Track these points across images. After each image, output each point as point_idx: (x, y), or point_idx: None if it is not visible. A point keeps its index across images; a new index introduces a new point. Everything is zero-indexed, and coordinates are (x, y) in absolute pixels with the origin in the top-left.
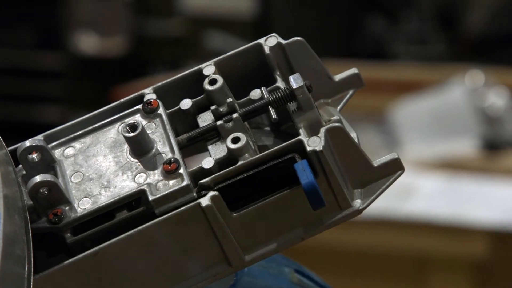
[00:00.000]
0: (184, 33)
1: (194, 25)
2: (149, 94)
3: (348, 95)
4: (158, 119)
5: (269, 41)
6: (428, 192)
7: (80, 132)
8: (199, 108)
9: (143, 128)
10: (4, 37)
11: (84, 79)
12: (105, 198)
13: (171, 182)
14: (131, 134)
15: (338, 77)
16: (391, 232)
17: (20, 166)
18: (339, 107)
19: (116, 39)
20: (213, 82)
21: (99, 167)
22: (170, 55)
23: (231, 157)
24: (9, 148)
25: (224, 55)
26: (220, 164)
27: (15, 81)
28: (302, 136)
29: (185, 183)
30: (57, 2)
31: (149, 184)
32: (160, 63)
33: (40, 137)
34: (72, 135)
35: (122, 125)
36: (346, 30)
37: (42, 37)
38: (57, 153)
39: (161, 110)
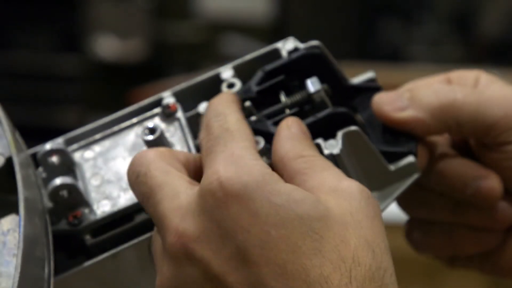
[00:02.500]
0: (201, 37)
1: (212, 29)
2: (168, 98)
3: None
4: (176, 123)
5: (287, 45)
6: None
7: (99, 135)
8: None
9: (161, 132)
10: (24, 41)
11: (103, 83)
12: (124, 200)
13: None
14: (150, 138)
15: (354, 80)
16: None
17: (40, 169)
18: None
19: (135, 43)
20: (231, 85)
21: (118, 170)
22: (188, 59)
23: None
24: (29, 151)
25: (242, 59)
26: None
27: (34, 85)
28: (320, 139)
29: None
30: (77, 6)
31: None
32: (178, 67)
33: (60, 140)
34: (92, 138)
35: (141, 128)
36: (362, 33)
37: (62, 41)
38: (76, 156)
39: (179, 114)
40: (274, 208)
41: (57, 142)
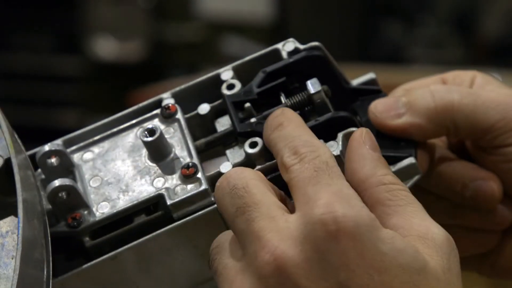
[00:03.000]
0: (201, 38)
1: (212, 30)
2: (167, 99)
3: None
4: (176, 124)
5: (287, 46)
6: None
7: (98, 137)
8: (217, 113)
9: (161, 133)
10: (23, 42)
11: (102, 84)
12: (123, 202)
13: (189, 186)
14: (150, 139)
15: (355, 82)
16: None
17: (39, 170)
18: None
19: (134, 44)
20: (231, 87)
21: (117, 172)
22: (188, 59)
23: (249, 161)
24: (28, 153)
25: (242, 60)
26: None
27: (33, 86)
28: (320, 140)
29: (203, 187)
30: (76, 7)
31: (167, 189)
32: (178, 67)
33: (59, 141)
34: (91, 140)
35: (140, 129)
36: (363, 34)
37: (61, 42)
38: (76, 157)
39: (179, 115)
40: (379, 254)
41: (56, 144)
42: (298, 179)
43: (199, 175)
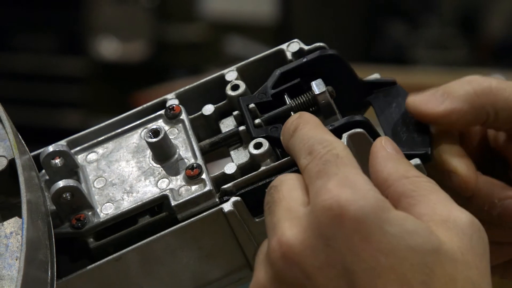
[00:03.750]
0: (205, 38)
1: (215, 30)
2: (172, 100)
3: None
4: (180, 125)
5: (291, 47)
6: None
7: (103, 138)
8: (221, 114)
9: (165, 134)
10: (26, 42)
11: (106, 84)
12: (127, 203)
13: (194, 187)
14: (154, 140)
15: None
16: None
17: (43, 171)
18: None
19: (137, 44)
20: (235, 87)
21: (121, 172)
22: (191, 60)
23: (253, 162)
24: (32, 154)
25: (247, 61)
26: (242, 169)
27: (36, 86)
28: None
29: (207, 188)
30: (79, 8)
31: (171, 190)
32: (181, 68)
33: (63, 142)
34: (95, 141)
35: (144, 130)
36: (367, 35)
37: (64, 42)
38: (80, 158)
39: (183, 116)
40: (386, 237)
41: (60, 144)
42: (310, 175)
43: (204, 176)
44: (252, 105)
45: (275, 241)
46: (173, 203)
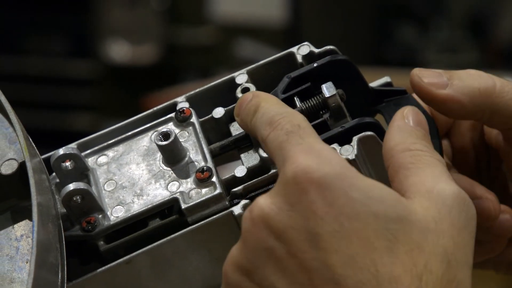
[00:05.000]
0: (215, 41)
1: (225, 33)
2: (182, 103)
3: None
4: (191, 128)
5: (302, 50)
6: None
7: (113, 141)
8: (231, 117)
9: (176, 137)
10: (37, 46)
11: (116, 87)
12: (138, 206)
13: (204, 190)
14: (164, 143)
15: (370, 85)
16: None
17: (54, 174)
18: None
19: (147, 47)
20: (245, 90)
21: (132, 175)
22: (201, 63)
23: (264, 165)
24: (43, 156)
25: (257, 64)
26: (253, 172)
27: (47, 89)
28: (335, 144)
29: (217, 191)
30: (89, 11)
31: (181, 192)
32: (191, 71)
33: (73, 145)
34: (105, 144)
35: (155, 133)
36: (377, 38)
37: (74, 45)
38: (90, 161)
39: (194, 119)
40: (350, 201)
41: (71, 147)
42: (272, 146)
43: (214, 179)
44: None
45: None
46: (183, 206)
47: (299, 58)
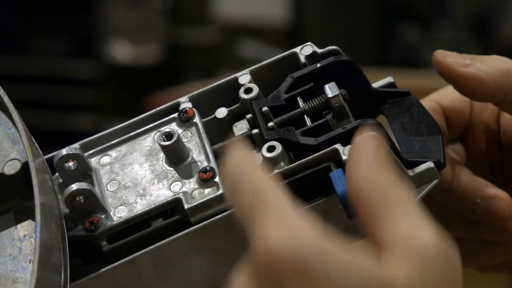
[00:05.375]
0: (217, 41)
1: (228, 33)
2: (185, 103)
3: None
4: (193, 128)
5: (305, 50)
6: None
7: (116, 141)
8: (234, 117)
9: (179, 137)
10: (39, 45)
11: (119, 88)
12: (141, 206)
13: (207, 190)
14: (167, 143)
15: (373, 86)
16: None
17: (57, 174)
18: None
19: (150, 47)
20: (248, 90)
21: (135, 176)
22: (204, 63)
23: (267, 165)
24: (46, 157)
25: (260, 64)
26: None
27: (49, 89)
28: (338, 144)
29: (220, 191)
30: (91, 11)
31: (184, 193)
32: (194, 71)
33: (76, 145)
34: (108, 144)
35: (158, 133)
36: (379, 38)
37: (76, 46)
38: (93, 161)
39: (196, 119)
40: (329, 284)
41: (74, 147)
42: (239, 211)
43: (217, 179)
44: (265, 108)
45: None
46: (186, 206)
47: (302, 58)
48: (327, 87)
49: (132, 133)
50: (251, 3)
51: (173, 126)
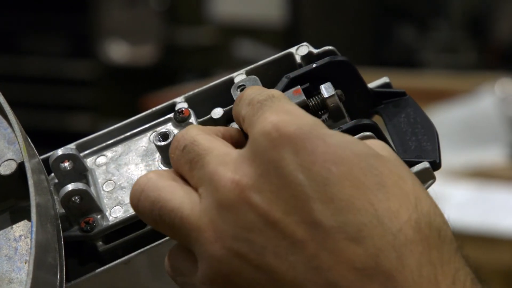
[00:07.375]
0: (214, 41)
1: (224, 33)
2: (181, 103)
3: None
4: None
5: (301, 50)
6: (458, 201)
7: (112, 141)
8: (230, 117)
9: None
10: (36, 46)
11: (115, 88)
12: None
13: None
14: (163, 143)
15: (369, 86)
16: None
17: (52, 174)
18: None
19: (146, 47)
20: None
21: (130, 176)
22: (200, 63)
23: None
24: (42, 157)
25: (256, 64)
26: None
27: (46, 90)
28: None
29: None
30: (88, 11)
31: None
32: (190, 71)
33: (72, 145)
34: (104, 144)
35: (153, 134)
36: (376, 38)
37: (73, 46)
38: (89, 161)
39: (192, 119)
40: (330, 147)
41: (70, 148)
42: (247, 117)
43: None
44: None
45: (225, 187)
46: None
47: (298, 59)
48: (322, 87)
49: (128, 133)
50: (248, 3)
51: (169, 127)
